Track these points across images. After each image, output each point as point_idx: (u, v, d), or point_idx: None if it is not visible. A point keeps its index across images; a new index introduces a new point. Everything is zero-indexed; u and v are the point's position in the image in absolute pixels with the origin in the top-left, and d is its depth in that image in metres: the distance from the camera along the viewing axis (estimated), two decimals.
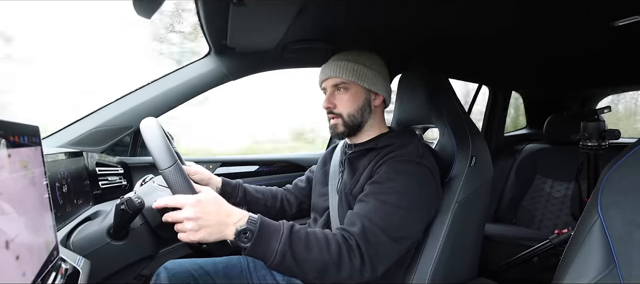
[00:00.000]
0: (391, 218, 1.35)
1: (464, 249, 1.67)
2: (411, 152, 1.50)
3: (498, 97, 3.63)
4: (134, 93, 2.03)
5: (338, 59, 1.65)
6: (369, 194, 1.42)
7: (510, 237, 2.84)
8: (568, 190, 3.12)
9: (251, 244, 1.22)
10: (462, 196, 1.60)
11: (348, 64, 1.61)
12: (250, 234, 1.23)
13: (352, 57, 1.64)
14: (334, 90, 1.66)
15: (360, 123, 1.66)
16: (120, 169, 2.08)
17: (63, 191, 1.45)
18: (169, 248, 2.18)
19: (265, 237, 1.23)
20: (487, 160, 1.70)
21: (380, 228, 1.33)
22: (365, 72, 1.62)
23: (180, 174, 1.30)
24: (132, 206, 1.29)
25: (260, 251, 1.23)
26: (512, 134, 4.00)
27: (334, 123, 1.66)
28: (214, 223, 1.22)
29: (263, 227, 1.25)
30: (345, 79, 1.61)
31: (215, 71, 2.09)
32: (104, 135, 1.97)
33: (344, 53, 1.67)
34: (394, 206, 1.37)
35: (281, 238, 1.24)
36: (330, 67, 1.64)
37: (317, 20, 1.71)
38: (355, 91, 1.63)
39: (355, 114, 1.64)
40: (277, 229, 1.26)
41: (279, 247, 1.23)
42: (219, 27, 1.70)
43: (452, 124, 1.73)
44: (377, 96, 1.67)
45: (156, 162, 1.29)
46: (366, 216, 1.35)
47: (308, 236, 1.28)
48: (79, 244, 1.36)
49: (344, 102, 1.64)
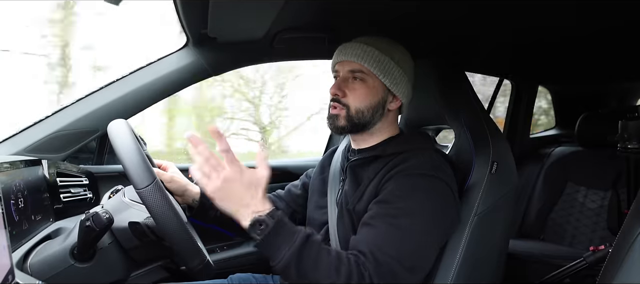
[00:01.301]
0: (404, 245, 1.35)
1: (484, 269, 1.67)
2: (423, 163, 1.48)
3: (522, 93, 3.63)
4: (100, 91, 2.02)
5: (364, 42, 1.59)
6: (377, 217, 1.40)
7: (538, 255, 2.84)
8: (604, 200, 3.11)
9: (262, 238, 1.27)
10: (481, 207, 1.60)
11: (373, 51, 1.56)
12: (265, 227, 1.27)
13: (381, 46, 1.58)
14: (348, 76, 1.61)
15: (366, 123, 1.60)
16: (85, 179, 2.07)
17: (19, 205, 1.45)
18: (141, 270, 2.17)
19: (278, 238, 1.27)
20: (511, 166, 1.70)
21: (392, 257, 1.32)
22: (391, 68, 1.57)
23: (161, 195, 1.30)
24: (99, 222, 1.29)
25: (269, 249, 1.29)
26: (539, 135, 4.00)
27: (336, 114, 1.60)
28: (235, 200, 1.28)
29: (279, 226, 1.28)
30: (365, 68, 1.57)
31: (193, 65, 2.08)
32: (66, 140, 1.95)
33: (370, 37, 1.61)
34: (406, 230, 1.36)
35: (292, 246, 1.27)
36: (353, 49, 1.58)
37: (312, 4, 1.71)
38: (373, 84, 1.59)
39: (365, 111, 1.58)
40: (291, 235, 1.29)
41: (286, 254, 1.26)
42: (197, 13, 1.70)
43: (469, 124, 1.73)
44: (396, 99, 1.63)
45: (132, 181, 1.29)
46: (376, 245, 1.34)
47: (320, 253, 1.30)
48: (38, 267, 1.36)
49: (356, 94, 1.58)
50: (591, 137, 3.20)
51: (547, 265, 2.61)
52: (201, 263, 1.39)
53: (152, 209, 1.29)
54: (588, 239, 3.07)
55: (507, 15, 1.82)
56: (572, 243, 3.13)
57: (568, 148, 3.45)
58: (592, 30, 2.01)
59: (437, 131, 2.99)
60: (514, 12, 1.77)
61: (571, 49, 2.46)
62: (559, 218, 3.25)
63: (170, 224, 1.32)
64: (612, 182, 2.91)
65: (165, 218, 1.31)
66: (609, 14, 1.77)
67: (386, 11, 1.79)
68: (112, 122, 1.44)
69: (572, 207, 3.23)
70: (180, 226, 1.33)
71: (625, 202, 2.61)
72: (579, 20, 1.90)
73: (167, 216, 1.30)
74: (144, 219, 1.47)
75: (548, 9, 1.72)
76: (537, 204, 3.34)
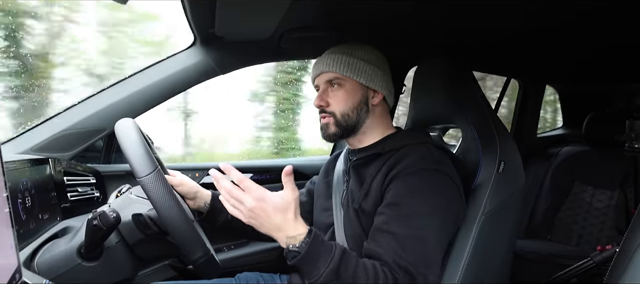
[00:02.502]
0: (422, 246, 1.37)
1: (491, 268, 1.66)
2: (425, 157, 1.50)
3: (530, 92, 3.62)
4: (108, 90, 2.03)
5: (332, 52, 1.67)
6: (391, 222, 1.42)
7: (545, 254, 2.83)
8: (612, 199, 3.10)
9: (295, 262, 1.31)
10: (488, 207, 1.59)
11: (343, 57, 1.63)
12: (297, 252, 1.30)
13: (346, 51, 1.65)
14: (327, 86, 1.68)
15: (355, 124, 1.66)
16: (92, 178, 2.08)
17: (26, 204, 1.45)
18: (148, 269, 2.18)
19: (314, 257, 1.31)
20: (518, 165, 1.69)
21: (413, 262, 1.34)
22: (362, 67, 1.63)
23: (162, 183, 1.30)
24: (106, 221, 1.29)
25: (304, 268, 1.32)
26: (547, 135, 3.99)
27: (325, 123, 1.68)
28: (267, 226, 1.32)
29: (311, 249, 1.30)
30: (339, 74, 1.63)
31: (201, 64, 2.09)
32: (73, 139, 1.96)
33: (338, 46, 1.70)
34: (421, 230, 1.39)
35: (331, 261, 1.30)
36: (324, 61, 1.66)
37: (320, 3, 1.70)
38: (350, 87, 1.65)
39: (350, 113, 1.65)
40: (328, 250, 1.32)
41: (326, 270, 1.29)
42: (205, 12, 1.70)
43: (476, 123, 1.72)
44: (376, 93, 1.68)
45: (133, 169, 1.29)
46: (396, 252, 1.36)
47: (357, 265, 1.33)
48: (45, 266, 1.36)
49: (337, 100, 1.65)
50: (598, 137, 3.19)
51: (554, 265, 2.60)
52: (205, 256, 1.38)
53: (153, 198, 1.29)
54: (595, 239, 3.06)
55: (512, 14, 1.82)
56: (579, 243, 3.12)
57: (575, 148, 3.44)
58: (598, 30, 2.00)
59: (444, 130, 2.99)
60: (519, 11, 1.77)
61: (578, 48, 2.44)
62: (566, 218, 3.24)
63: (171, 213, 1.32)
64: (619, 182, 2.89)
65: (166, 207, 1.32)
66: (615, 14, 1.76)
67: (392, 10, 1.79)
68: (119, 121, 1.43)
69: (580, 207, 3.21)
70: (181, 215, 1.33)
71: (633, 201, 2.60)
72: (585, 20, 1.89)
73: (167, 205, 1.30)
74: (146, 211, 1.48)
75: (554, 8, 1.72)
76: (544, 204, 3.33)
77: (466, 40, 2.26)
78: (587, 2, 1.66)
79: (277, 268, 1.99)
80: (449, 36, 2.17)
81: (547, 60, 2.83)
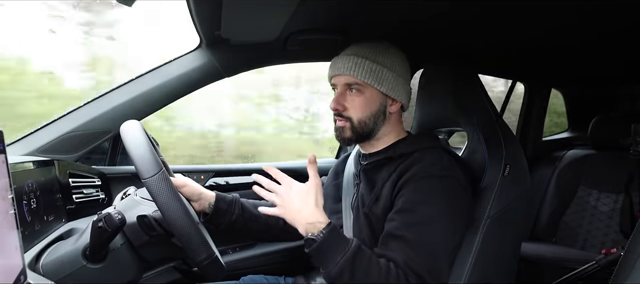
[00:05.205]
0: (433, 250, 1.41)
1: (497, 271, 1.65)
2: (434, 162, 1.50)
3: (535, 96, 3.62)
4: (113, 92, 2.02)
5: (354, 54, 1.59)
6: (403, 228, 1.42)
7: (550, 258, 2.83)
8: (617, 203, 3.09)
9: (311, 251, 1.39)
10: (494, 210, 1.58)
11: (365, 63, 1.57)
12: (316, 238, 1.38)
13: (370, 55, 1.59)
14: (345, 90, 1.62)
15: (371, 131, 1.62)
16: (98, 180, 2.08)
17: (31, 206, 1.44)
18: (153, 271, 2.17)
19: (331, 246, 1.38)
20: (523, 168, 1.69)
21: (424, 265, 1.37)
22: (385, 75, 1.58)
23: (167, 185, 1.30)
24: (111, 223, 1.29)
25: (320, 258, 1.40)
26: (552, 138, 3.98)
27: (341, 126, 1.62)
28: (289, 208, 1.44)
29: (329, 238, 1.38)
30: (360, 80, 1.57)
31: (206, 67, 2.08)
32: (78, 141, 1.96)
33: (361, 46, 1.62)
34: (432, 235, 1.42)
35: (346, 253, 1.36)
36: (344, 63, 1.59)
37: (326, 6, 1.70)
38: (370, 95, 1.59)
39: (368, 120, 1.60)
40: (345, 242, 1.39)
41: (341, 260, 1.35)
42: (211, 14, 1.69)
43: (482, 127, 1.71)
44: (395, 102, 1.64)
45: (138, 170, 1.29)
46: (409, 256, 1.38)
47: (371, 261, 1.38)
48: (50, 268, 1.36)
49: (356, 106, 1.60)
50: (604, 140, 3.18)
51: (559, 268, 2.60)
52: (209, 257, 1.38)
53: (157, 199, 1.29)
54: (600, 243, 3.05)
55: (520, 18, 1.81)
56: (584, 246, 3.11)
57: (580, 151, 3.43)
58: (605, 33, 1.99)
59: (450, 133, 2.98)
60: (527, 15, 1.76)
61: (584, 52, 2.43)
62: (572, 221, 3.23)
63: (176, 215, 1.32)
64: (624, 185, 2.89)
65: (171, 208, 1.31)
66: (622, 16, 1.75)
67: (398, 14, 1.78)
68: (125, 123, 1.43)
69: (585, 210, 3.21)
70: (185, 217, 1.33)
71: (638, 205, 2.59)
72: (592, 23, 1.88)
73: (172, 206, 1.30)
74: (151, 213, 1.48)
75: (560, 11, 1.71)
76: (550, 207, 3.33)
77: (472, 45, 2.26)
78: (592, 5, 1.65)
79: (282, 270, 1.99)
80: (456, 41, 2.17)
81: (553, 64, 2.82)
